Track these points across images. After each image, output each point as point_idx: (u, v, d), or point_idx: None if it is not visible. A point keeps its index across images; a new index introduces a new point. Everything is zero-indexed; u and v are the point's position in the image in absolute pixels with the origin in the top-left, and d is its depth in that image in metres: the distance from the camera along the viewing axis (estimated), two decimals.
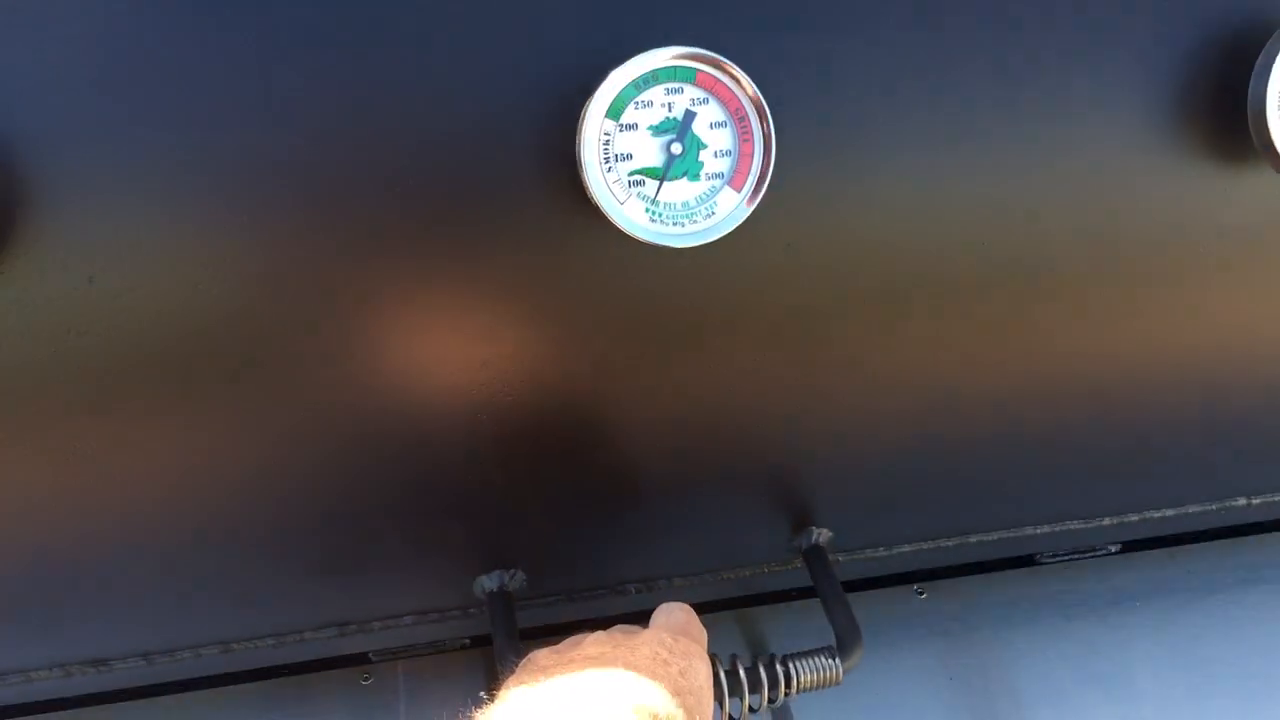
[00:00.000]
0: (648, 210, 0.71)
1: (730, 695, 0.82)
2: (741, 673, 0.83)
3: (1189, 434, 0.96)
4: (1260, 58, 0.79)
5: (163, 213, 0.68)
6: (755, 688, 0.83)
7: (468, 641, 1.05)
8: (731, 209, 0.72)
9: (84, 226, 0.67)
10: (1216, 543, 1.16)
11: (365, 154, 0.69)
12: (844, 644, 0.87)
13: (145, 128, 0.66)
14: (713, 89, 0.71)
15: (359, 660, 1.04)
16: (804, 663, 0.84)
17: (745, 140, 0.72)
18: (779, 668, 0.84)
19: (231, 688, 0.99)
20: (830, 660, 0.85)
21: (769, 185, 0.72)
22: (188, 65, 0.66)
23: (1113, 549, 1.17)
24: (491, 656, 1.00)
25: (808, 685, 0.84)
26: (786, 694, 0.84)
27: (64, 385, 0.72)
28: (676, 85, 0.70)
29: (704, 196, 0.72)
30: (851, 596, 1.03)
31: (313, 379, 0.75)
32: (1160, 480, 1.02)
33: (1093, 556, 1.16)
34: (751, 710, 0.83)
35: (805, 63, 0.74)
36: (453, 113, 0.70)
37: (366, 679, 1.03)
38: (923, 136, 0.77)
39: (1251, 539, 1.17)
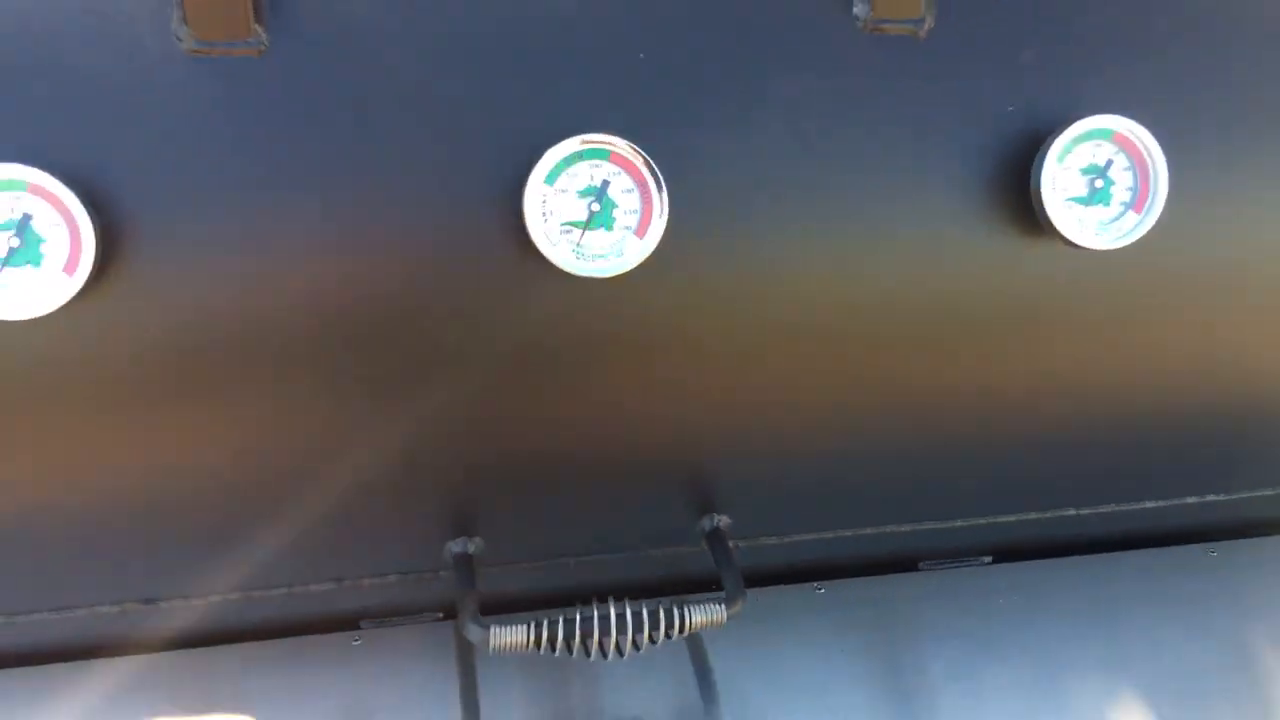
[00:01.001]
0: (574, 251, 0.99)
1: (634, 631, 1.06)
2: (644, 610, 1.07)
3: (1009, 453, 1.21)
4: (1038, 153, 1.06)
5: (224, 252, 0.97)
6: (655, 624, 1.07)
7: (440, 615, 1.28)
8: (637, 252, 0.99)
9: (162, 262, 0.96)
10: (1060, 559, 1.39)
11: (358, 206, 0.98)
12: (730, 597, 1.10)
13: (205, 198, 0.95)
14: (623, 165, 0.98)
15: (351, 626, 1.28)
16: (694, 606, 1.08)
17: (647, 203, 0.99)
18: (675, 609, 1.08)
19: (248, 645, 1.24)
20: (717, 606, 1.08)
21: (665, 235, 0.99)
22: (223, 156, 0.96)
23: (985, 560, 1.40)
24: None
25: (698, 625, 1.07)
26: (682, 632, 1.07)
27: (147, 383, 0.99)
28: (596, 162, 0.98)
29: (616, 243, 0.99)
30: (759, 590, 1.29)
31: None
32: (1001, 490, 1.27)
33: (966, 565, 1.39)
34: (651, 642, 1.06)
35: (699, 148, 1.02)
36: (422, 191, 0.98)
37: (356, 642, 1.26)
38: (788, 213, 1.05)
39: (1097, 557, 1.40)
